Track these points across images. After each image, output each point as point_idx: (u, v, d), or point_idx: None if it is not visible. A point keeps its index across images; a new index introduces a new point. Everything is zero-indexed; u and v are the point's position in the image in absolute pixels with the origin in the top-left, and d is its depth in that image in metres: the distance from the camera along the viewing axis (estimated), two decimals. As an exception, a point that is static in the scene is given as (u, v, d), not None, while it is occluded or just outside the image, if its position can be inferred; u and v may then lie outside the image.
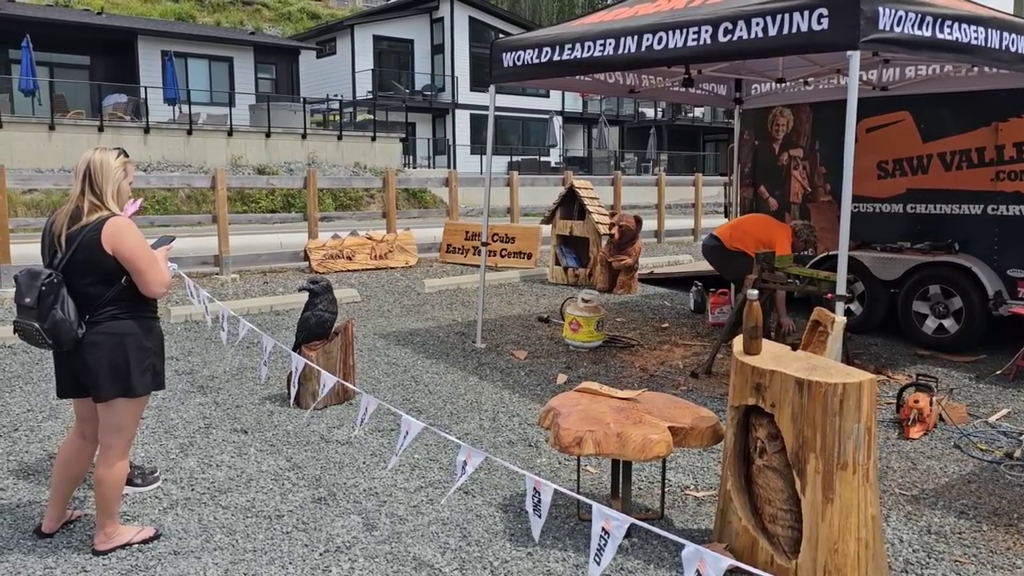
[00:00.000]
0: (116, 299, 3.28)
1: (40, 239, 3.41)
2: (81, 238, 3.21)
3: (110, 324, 3.27)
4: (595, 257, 9.88)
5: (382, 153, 25.91)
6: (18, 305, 3.22)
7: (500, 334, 7.34)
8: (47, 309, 3.14)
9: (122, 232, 3.23)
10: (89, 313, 3.25)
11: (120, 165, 3.35)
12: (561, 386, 5.81)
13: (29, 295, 3.15)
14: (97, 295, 3.24)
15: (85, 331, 3.23)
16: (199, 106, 24.92)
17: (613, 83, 7.12)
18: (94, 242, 3.19)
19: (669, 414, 3.66)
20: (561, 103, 35.18)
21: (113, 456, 3.37)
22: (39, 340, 3.20)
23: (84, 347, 3.24)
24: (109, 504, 3.40)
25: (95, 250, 3.19)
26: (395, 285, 9.57)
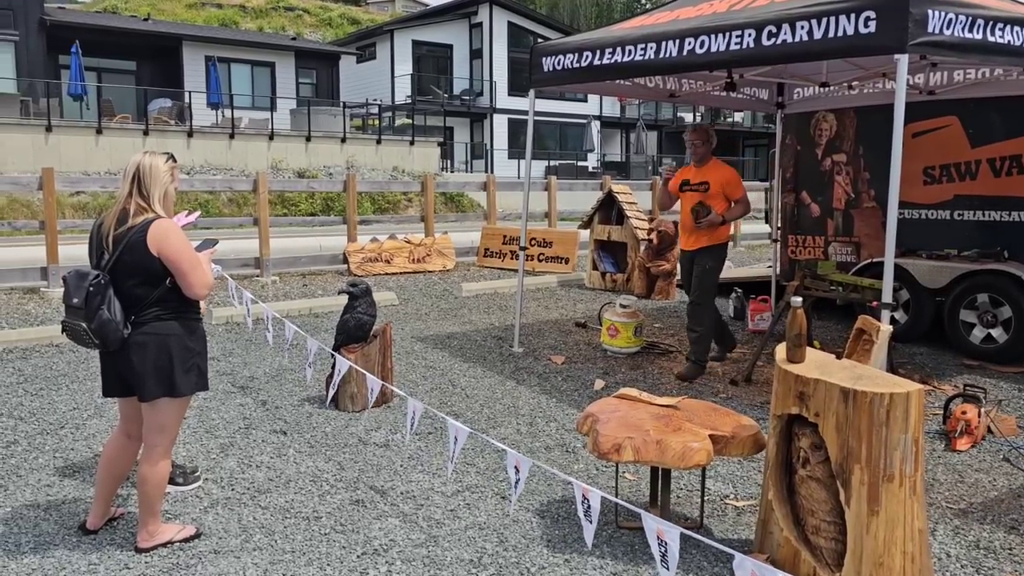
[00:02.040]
0: (161, 300, 3.32)
1: (88, 240, 3.47)
2: (127, 240, 3.26)
3: (155, 325, 3.32)
4: (633, 262, 9.82)
5: (420, 157, 26.05)
6: (66, 305, 3.28)
7: (537, 339, 7.33)
8: (94, 310, 3.19)
9: (167, 234, 3.27)
10: (135, 314, 3.30)
11: (168, 169, 3.41)
12: (599, 392, 5.77)
13: (77, 295, 3.21)
14: (142, 296, 3.29)
15: (130, 331, 3.29)
16: (241, 110, 25.29)
17: (653, 87, 7.07)
18: (140, 244, 3.24)
19: (710, 422, 3.62)
20: (599, 108, 35.12)
21: (156, 455, 3.42)
22: (86, 340, 3.25)
23: (129, 347, 3.29)
24: (152, 502, 3.44)
25: (141, 252, 3.24)
26: (433, 289, 9.61)
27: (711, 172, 6.02)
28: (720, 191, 5.95)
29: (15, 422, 4.98)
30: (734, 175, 6.02)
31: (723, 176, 5.98)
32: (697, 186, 6.04)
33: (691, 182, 6.07)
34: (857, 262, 7.72)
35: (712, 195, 5.96)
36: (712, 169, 6.04)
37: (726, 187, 5.96)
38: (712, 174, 6.00)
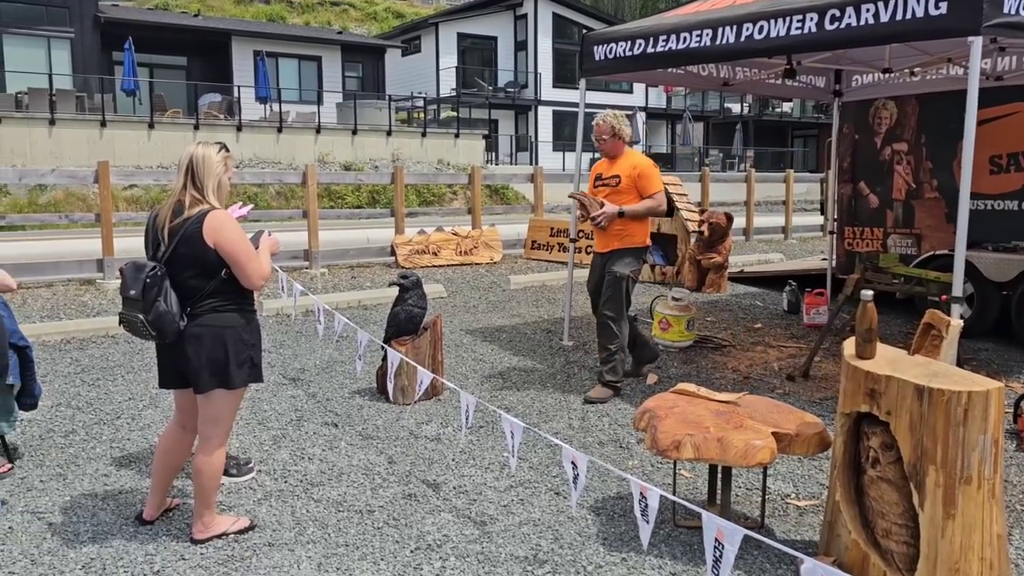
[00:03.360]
0: (216, 292, 3.31)
1: (143, 233, 3.48)
2: (183, 232, 3.24)
3: (211, 317, 3.31)
4: (683, 255, 9.66)
5: (465, 150, 26.05)
6: (123, 297, 3.28)
7: (587, 332, 7.23)
8: (151, 301, 3.19)
9: (223, 226, 3.26)
10: (191, 305, 3.29)
11: (221, 160, 3.38)
12: (651, 387, 5.67)
13: (134, 287, 3.21)
14: (198, 287, 3.29)
15: (186, 323, 3.28)
16: (289, 104, 25.52)
17: (707, 76, 6.92)
18: (196, 235, 3.22)
19: (772, 419, 3.50)
20: (644, 99, 34.75)
21: (211, 447, 3.42)
22: (143, 332, 3.25)
23: (185, 339, 3.29)
24: (207, 494, 3.44)
25: (197, 243, 3.23)
26: (480, 281, 9.57)
27: (623, 164, 5.35)
28: (632, 185, 5.24)
29: (73, 412, 5.05)
30: (648, 167, 5.30)
31: (635, 168, 5.26)
32: (608, 180, 5.36)
33: (603, 176, 5.41)
34: (918, 255, 7.48)
35: (623, 190, 5.24)
36: (625, 161, 5.36)
37: (638, 180, 5.24)
38: (624, 167, 5.32)
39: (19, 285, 8.24)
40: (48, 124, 20.26)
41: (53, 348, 6.45)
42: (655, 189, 5.27)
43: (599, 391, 5.34)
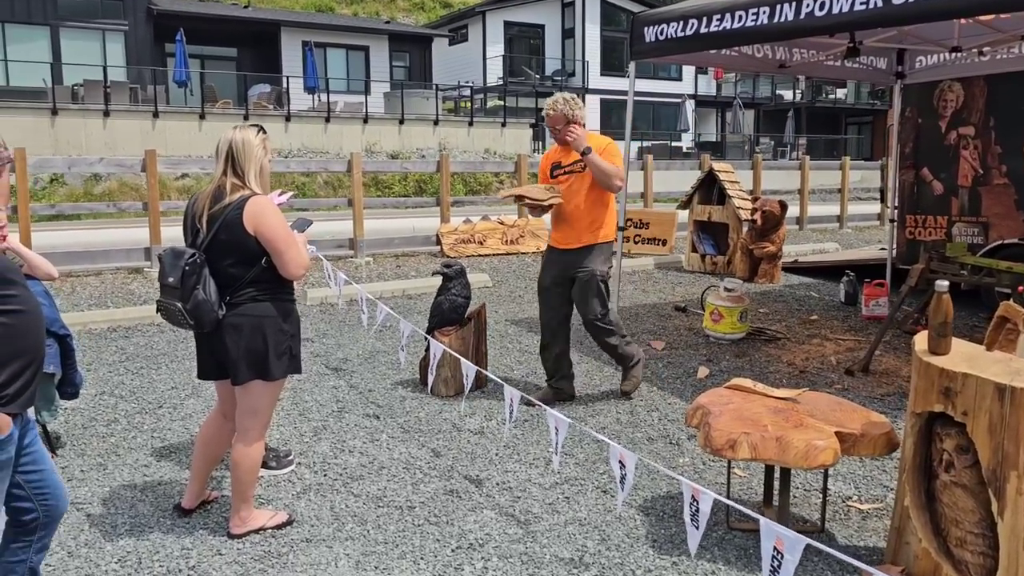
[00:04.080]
0: (256, 280, 3.21)
1: (182, 220, 3.39)
2: (223, 218, 3.14)
3: (250, 306, 3.21)
4: (735, 244, 9.39)
5: (511, 139, 25.88)
6: (161, 285, 3.20)
7: (635, 323, 7.04)
8: (189, 289, 3.10)
9: (264, 211, 3.14)
10: (230, 294, 3.20)
11: (261, 143, 3.27)
12: (703, 380, 5.46)
13: (172, 275, 3.12)
14: (238, 276, 3.19)
15: (225, 313, 3.19)
16: (337, 94, 25.61)
17: (762, 58, 6.65)
18: (236, 222, 3.12)
19: (835, 417, 3.29)
20: (693, 86, 34.18)
21: (249, 439, 3.33)
22: (181, 320, 3.17)
23: (224, 329, 3.20)
24: (244, 487, 3.35)
25: (237, 230, 3.12)
26: (526, 271, 9.41)
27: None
28: None
29: (116, 400, 5.03)
30: (612, 144, 4.80)
31: (600, 145, 4.75)
32: (570, 167, 4.78)
33: (563, 164, 4.82)
34: (985, 244, 7.12)
35: (589, 175, 4.72)
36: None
37: (603, 154, 4.72)
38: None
39: (70, 273, 8.35)
40: (103, 115, 20.59)
41: (99, 336, 6.47)
42: (619, 164, 4.78)
43: (629, 381, 5.07)
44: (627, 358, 5.02)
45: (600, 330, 4.89)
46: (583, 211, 4.74)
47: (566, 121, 4.67)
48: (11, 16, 23.41)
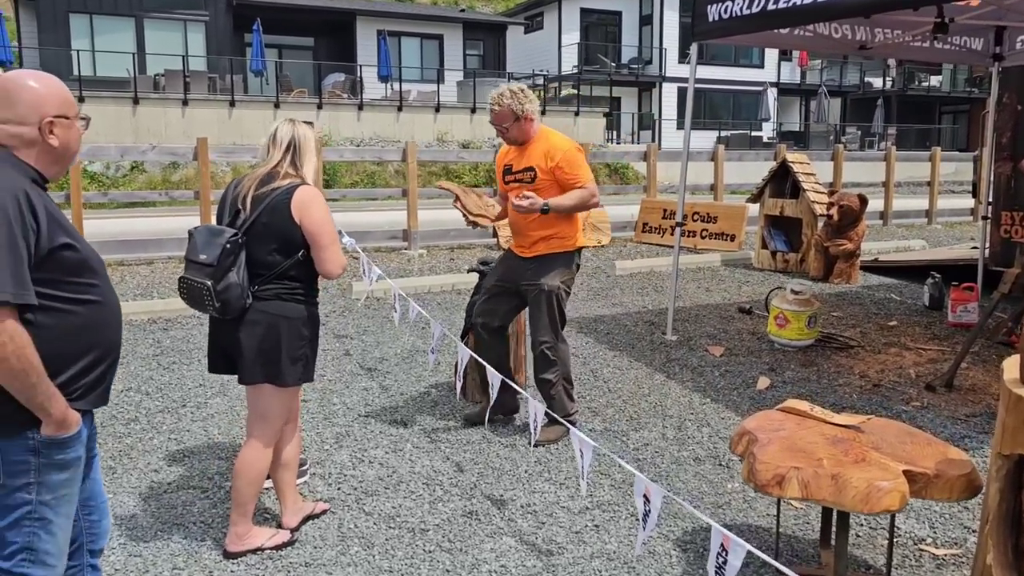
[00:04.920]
0: (287, 275, 2.99)
1: (220, 201, 3.18)
2: (270, 200, 2.95)
3: (274, 304, 2.98)
4: (809, 241, 8.78)
5: (585, 128, 25.40)
6: (189, 261, 2.95)
7: (694, 325, 6.57)
8: (224, 270, 2.87)
9: (313, 201, 2.98)
10: (257, 284, 2.97)
11: (315, 139, 3.16)
12: (762, 392, 4.99)
13: (206, 252, 2.89)
14: (272, 264, 2.97)
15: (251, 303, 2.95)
16: (410, 83, 25.56)
17: (840, 38, 6.07)
18: (283, 206, 2.94)
19: (904, 452, 2.82)
20: (776, 74, 32.94)
21: (255, 446, 3.08)
22: (205, 302, 2.90)
23: (241, 322, 2.96)
24: (244, 499, 3.09)
25: (282, 215, 2.93)
26: (585, 266, 8.99)
27: (535, 151, 4.00)
28: (551, 179, 3.96)
29: (141, 397, 4.87)
30: (569, 150, 3.97)
31: (551, 155, 3.94)
32: (520, 174, 4.05)
33: (513, 169, 4.09)
34: None
35: (541, 187, 3.96)
36: (537, 146, 4.00)
37: (558, 172, 3.95)
38: (536, 154, 3.99)
39: (122, 262, 8.33)
40: (181, 104, 20.99)
41: (138, 328, 6.36)
42: (584, 178, 3.98)
43: (549, 431, 4.14)
44: (558, 407, 4.17)
45: (543, 359, 4.13)
46: (533, 222, 4.02)
47: (514, 118, 3.92)
48: (99, 8, 24.07)
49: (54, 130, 2.06)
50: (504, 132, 4.01)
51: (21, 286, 1.88)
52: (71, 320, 2.02)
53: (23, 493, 2.03)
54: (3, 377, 1.90)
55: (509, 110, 3.92)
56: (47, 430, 2.00)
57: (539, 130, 4.05)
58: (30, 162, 2.05)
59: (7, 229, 1.88)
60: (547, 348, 4.13)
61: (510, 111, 3.92)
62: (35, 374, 1.93)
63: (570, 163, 3.96)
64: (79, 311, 2.03)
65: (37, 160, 2.07)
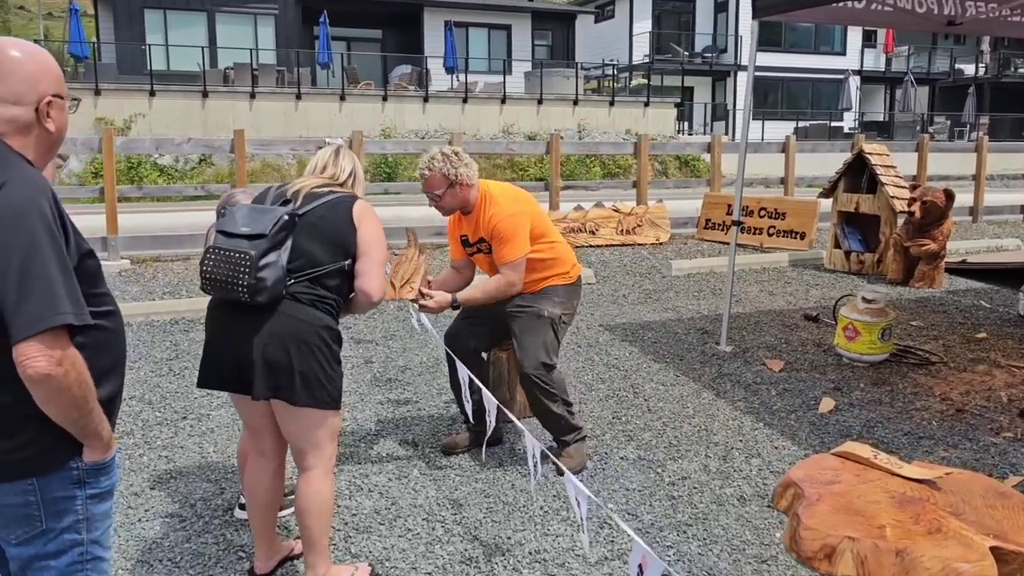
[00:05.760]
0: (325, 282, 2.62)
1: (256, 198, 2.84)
2: (331, 198, 2.70)
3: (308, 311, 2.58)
4: (887, 240, 8.01)
5: (655, 119, 24.67)
6: (222, 232, 2.53)
7: (753, 334, 5.96)
8: (276, 243, 2.50)
9: (374, 214, 2.75)
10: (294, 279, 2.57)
11: None
12: (824, 416, 4.38)
13: (252, 225, 2.51)
14: (314, 262, 2.59)
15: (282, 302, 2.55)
16: (476, 75, 25.24)
17: (924, 13, 5.37)
18: (344, 204, 2.69)
19: (993, 520, 2.23)
20: (859, 60, 31.44)
21: (312, 477, 2.68)
22: (239, 277, 2.44)
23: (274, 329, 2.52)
24: (316, 538, 2.69)
25: (342, 214, 2.67)
26: (639, 265, 8.42)
27: (481, 220, 3.61)
28: None
29: (142, 407, 4.56)
30: (504, 219, 3.52)
31: (491, 224, 3.56)
32: (478, 245, 3.70)
33: (470, 240, 3.72)
34: None
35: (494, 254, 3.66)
36: (482, 213, 3.60)
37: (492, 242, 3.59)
38: (483, 223, 3.61)
39: (158, 258, 8.14)
40: (249, 98, 21.10)
41: (158, 329, 6.09)
42: (509, 255, 3.53)
43: (570, 457, 3.70)
44: (566, 431, 3.74)
45: (536, 387, 3.61)
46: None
47: (447, 183, 3.48)
48: (173, 3, 24.44)
49: (51, 112, 1.75)
50: (436, 200, 3.55)
51: (78, 305, 1.64)
52: (101, 335, 1.79)
53: (72, 534, 1.77)
54: (64, 408, 1.66)
55: (440, 175, 3.49)
56: (94, 455, 1.75)
57: (480, 196, 3.59)
58: (26, 153, 1.72)
59: (50, 239, 1.60)
60: (539, 377, 3.60)
61: (442, 176, 3.49)
62: (93, 399, 1.71)
63: (499, 237, 3.54)
64: (105, 324, 1.80)
65: (34, 149, 1.74)
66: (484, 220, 3.58)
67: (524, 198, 3.68)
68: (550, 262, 3.70)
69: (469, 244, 3.73)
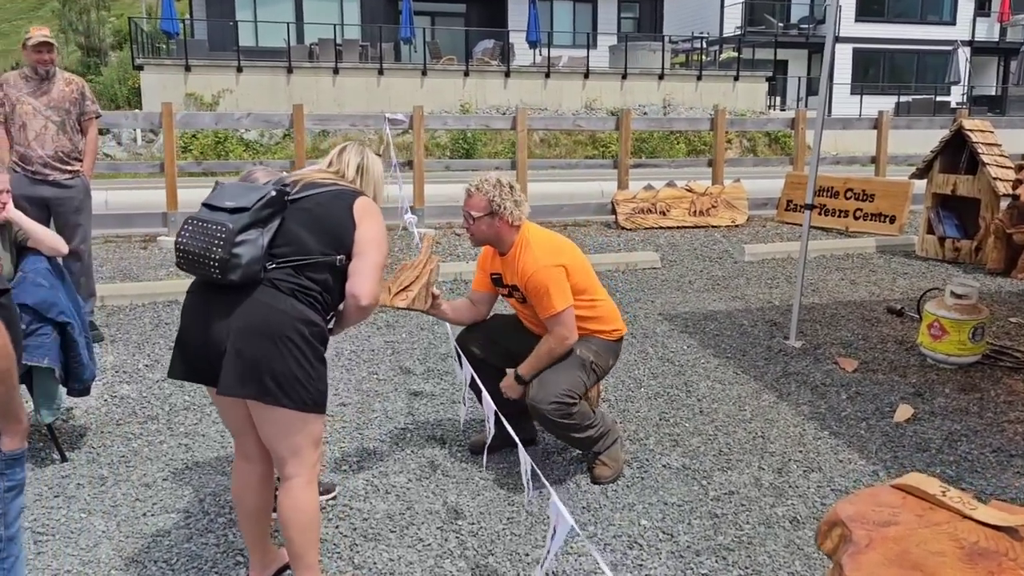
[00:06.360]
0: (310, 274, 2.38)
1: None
2: (334, 188, 2.53)
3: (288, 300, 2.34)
4: (987, 226, 7.29)
5: (744, 94, 23.74)
6: (207, 205, 2.37)
7: (827, 328, 5.46)
8: (257, 220, 2.31)
9: (377, 212, 2.56)
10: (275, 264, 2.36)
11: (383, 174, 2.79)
12: (900, 426, 3.92)
13: (235, 199, 2.34)
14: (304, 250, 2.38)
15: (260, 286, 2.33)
16: (560, 49, 24.78)
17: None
18: (347, 197, 2.51)
19: (1085, 586, 1.81)
20: (969, 30, 29.44)
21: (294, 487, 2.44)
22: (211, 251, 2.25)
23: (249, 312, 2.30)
24: (302, 552, 2.46)
25: (342, 207, 2.48)
26: (710, 249, 7.93)
27: (515, 267, 3.28)
28: None
29: (172, 389, 4.42)
30: (539, 273, 3.17)
31: (524, 277, 3.22)
32: (511, 289, 3.38)
33: (504, 281, 3.39)
34: None
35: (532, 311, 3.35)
36: (516, 260, 3.27)
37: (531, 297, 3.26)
38: (517, 270, 3.27)
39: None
40: (332, 73, 21.23)
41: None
42: (552, 309, 3.18)
43: (603, 466, 3.38)
44: (593, 444, 3.35)
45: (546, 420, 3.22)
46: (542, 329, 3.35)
47: (488, 211, 3.18)
48: (260, -21, 24.72)
49: None
50: (470, 223, 3.26)
51: None
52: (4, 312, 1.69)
53: None
54: None
55: (486, 199, 3.19)
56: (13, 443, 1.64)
57: (518, 240, 3.27)
58: None
59: None
60: (555, 410, 3.16)
61: (486, 201, 3.19)
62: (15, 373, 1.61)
63: (533, 290, 3.22)
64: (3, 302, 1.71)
65: None
66: (518, 268, 3.27)
67: (563, 250, 3.31)
68: (590, 320, 3.34)
69: (502, 284, 3.43)
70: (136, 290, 6.11)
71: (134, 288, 6.19)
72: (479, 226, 3.25)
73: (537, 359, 3.28)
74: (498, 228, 3.24)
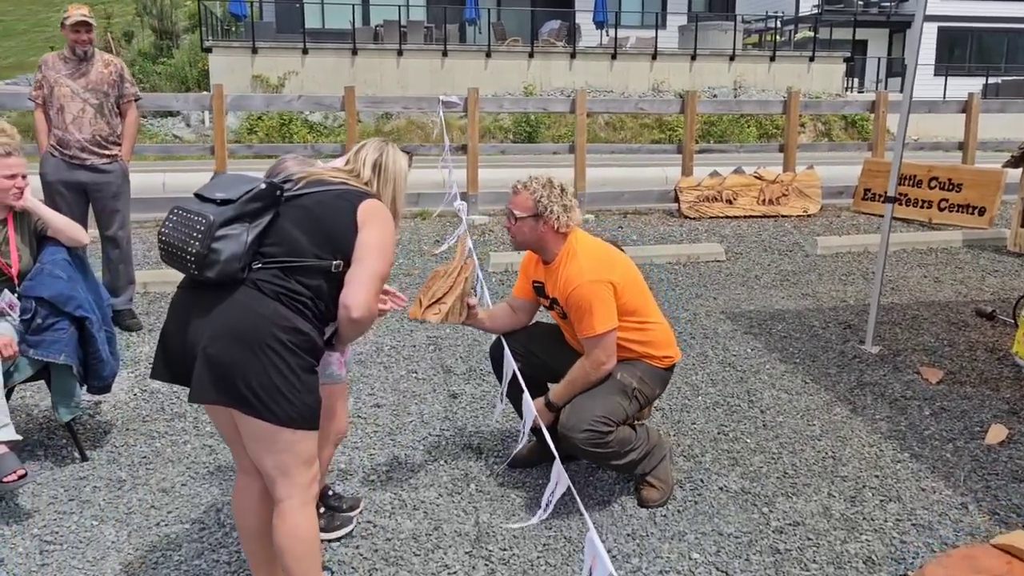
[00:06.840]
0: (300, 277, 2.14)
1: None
2: (339, 188, 2.31)
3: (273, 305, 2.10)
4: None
5: (820, 75, 22.77)
6: (197, 196, 2.20)
7: (908, 332, 5.00)
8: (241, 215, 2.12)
9: (385, 216, 2.31)
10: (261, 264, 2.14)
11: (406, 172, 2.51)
12: (993, 449, 3.48)
13: (226, 190, 2.15)
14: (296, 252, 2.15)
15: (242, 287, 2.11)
16: (628, 29, 24.17)
17: None
18: (351, 197, 2.28)
19: None
20: (1066, 7, 27.70)
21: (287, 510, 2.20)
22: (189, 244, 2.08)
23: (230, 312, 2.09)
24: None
25: (344, 205, 2.25)
26: (779, 241, 7.45)
27: (557, 280, 2.99)
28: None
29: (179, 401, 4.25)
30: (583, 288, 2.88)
31: (566, 294, 2.93)
32: (552, 302, 3.08)
33: (546, 292, 3.10)
34: None
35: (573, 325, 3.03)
36: (559, 272, 2.99)
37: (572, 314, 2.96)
38: (559, 284, 2.99)
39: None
40: (396, 55, 21.10)
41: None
42: (593, 330, 2.90)
43: (651, 488, 3.06)
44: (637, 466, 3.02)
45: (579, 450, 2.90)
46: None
47: (533, 212, 2.91)
48: (331, -38, 24.71)
49: None
50: (512, 223, 2.99)
51: None
52: None
53: None
54: None
55: (533, 200, 2.93)
56: None
57: (564, 250, 2.98)
58: None
59: None
60: (588, 439, 2.84)
61: (533, 202, 2.92)
62: None
63: (574, 306, 2.92)
64: None
65: None
66: (560, 280, 2.97)
67: (615, 265, 2.99)
68: (639, 344, 3.03)
69: (544, 295, 3.14)
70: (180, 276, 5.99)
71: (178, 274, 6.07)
72: (521, 228, 2.97)
73: (570, 385, 2.97)
74: (542, 233, 2.96)
